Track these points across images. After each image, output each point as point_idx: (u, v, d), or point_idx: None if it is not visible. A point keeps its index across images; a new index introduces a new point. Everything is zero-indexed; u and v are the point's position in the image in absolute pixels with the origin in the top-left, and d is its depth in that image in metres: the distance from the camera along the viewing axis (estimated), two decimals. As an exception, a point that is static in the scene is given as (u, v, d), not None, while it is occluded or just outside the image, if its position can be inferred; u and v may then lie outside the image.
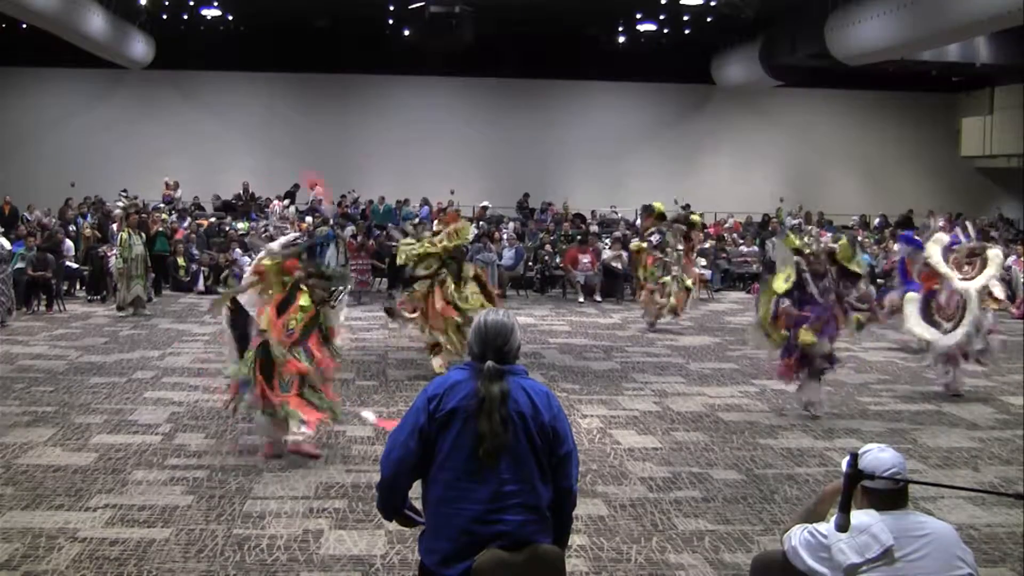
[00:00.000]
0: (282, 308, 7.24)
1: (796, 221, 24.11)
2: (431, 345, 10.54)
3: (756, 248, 20.28)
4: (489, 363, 3.45)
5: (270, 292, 7.32)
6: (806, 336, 8.69)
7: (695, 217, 15.41)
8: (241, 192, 24.84)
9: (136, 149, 26.93)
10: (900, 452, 3.37)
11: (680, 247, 14.27)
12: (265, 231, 19.81)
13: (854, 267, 8.97)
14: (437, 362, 10.27)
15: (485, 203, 24.53)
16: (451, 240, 10.62)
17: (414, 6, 21.25)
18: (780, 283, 8.96)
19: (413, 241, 10.99)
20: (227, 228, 20.56)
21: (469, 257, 17.23)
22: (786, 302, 8.87)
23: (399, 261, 11.17)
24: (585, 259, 18.00)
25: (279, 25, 25.27)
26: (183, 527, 5.81)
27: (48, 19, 19.26)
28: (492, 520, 3.35)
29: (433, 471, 3.44)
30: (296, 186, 25.01)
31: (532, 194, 26.56)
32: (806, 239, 9.40)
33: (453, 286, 10.40)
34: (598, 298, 17.64)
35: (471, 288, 10.57)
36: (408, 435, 3.43)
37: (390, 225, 20.99)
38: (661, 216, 14.70)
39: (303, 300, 7.28)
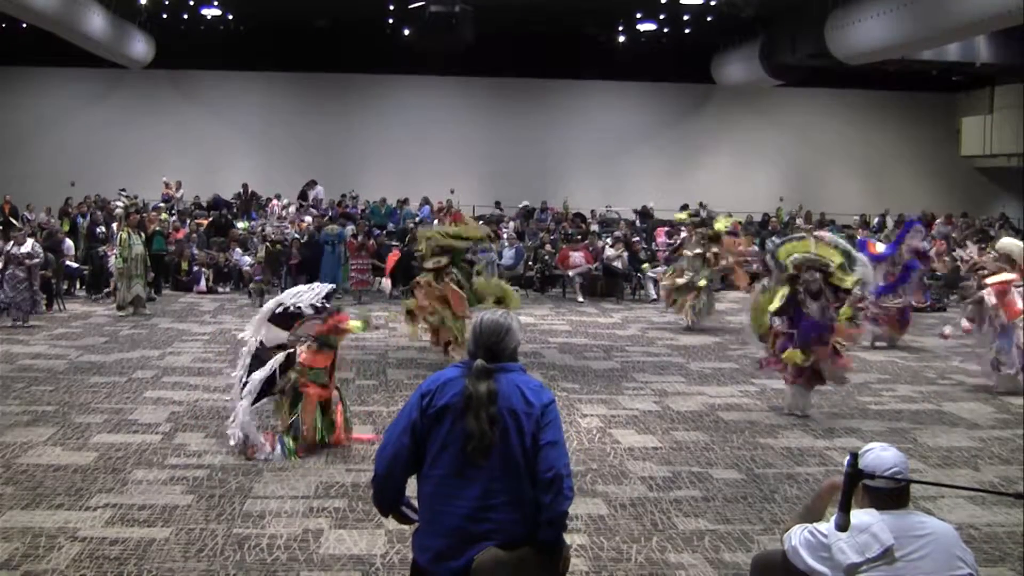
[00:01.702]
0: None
1: (790, 218, 24.15)
2: (445, 343, 10.87)
3: (756, 247, 20.25)
4: (478, 361, 3.45)
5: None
6: (793, 355, 8.70)
7: (718, 225, 15.41)
8: (241, 192, 24.84)
9: (136, 149, 26.96)
10: (900, 452, 3.37)
11: (698, 250, 14.41)
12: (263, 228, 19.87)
13: (847, 284, 8.90)
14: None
15: (525, 203, 24.64)
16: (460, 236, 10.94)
17: (414, 6, 21.24)
18: (774, 302, 8.93)
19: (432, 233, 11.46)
20: (229, 227, 20.55)
21: (472, 253, 17.38)
22: (777, 321, 8.89)
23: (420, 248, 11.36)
24: (577, 255, 17.99)
25: (279, 25, 25.28)
26: (183, 526, 5.81)
27: (48, 19, 19.27)
28: (483, 518, 3.35)
29: (425, 468, 3.45)
30: (309, 184, 25.01)
31: (532, 194, 26.56)
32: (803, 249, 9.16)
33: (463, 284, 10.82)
34: (581, 298, 17.51)
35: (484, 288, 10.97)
36: (402, 431, 3.45)
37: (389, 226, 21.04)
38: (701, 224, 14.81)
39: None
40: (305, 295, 7.64)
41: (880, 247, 13.61)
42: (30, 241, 13.70)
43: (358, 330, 7.90)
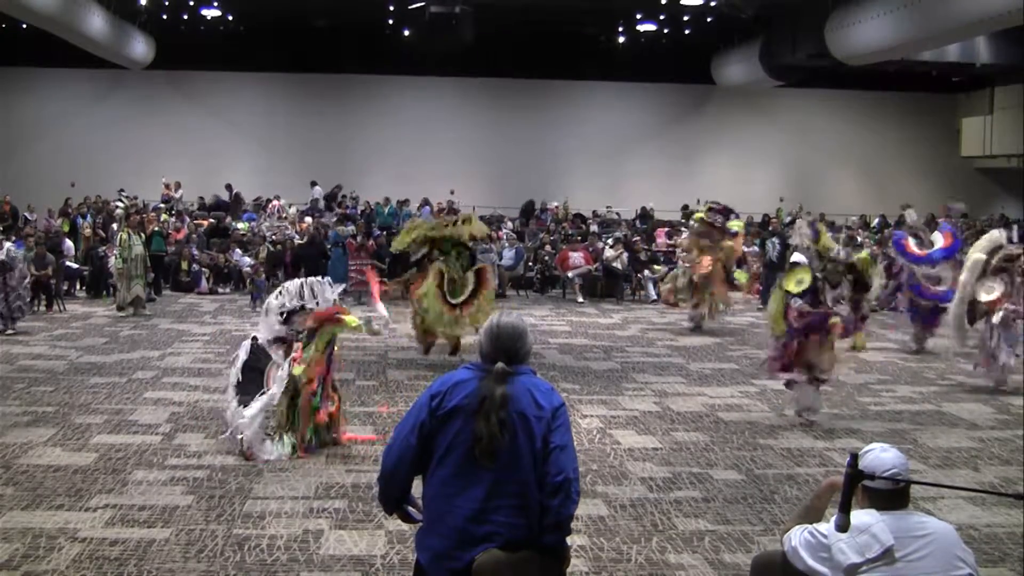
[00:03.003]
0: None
1: (789, 218, 24.15)
2: (428, 344, 11.06)
3: (756, 248, 20.26)
4: (499, 365, 3.44)
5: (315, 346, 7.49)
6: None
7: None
8: (227, 193, 24.66)
9: (136, 149, 26.97)
10: (901, 452, 3.37)
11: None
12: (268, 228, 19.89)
13: (871, 278, 8.87)
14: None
15: (555, 203, 24.64)
16: (454, 228, 10.98)
17: (414, 6, 21.25)
18: (792, 284, 8.78)
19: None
20: (228, 229, 20.56)
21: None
22: (798, 301, 8.72)
23: (394, 247, 11.44)
24: (576, 255, 17.99)
25: (279, 25, 25.29)
26: (183, 527, 5.81)
27: (48, 19, 19.27)
28: (485, 520, 3.34)
29: (431, 468, 3.45)
30: (339, 186, 24.89)
31: (532, 194, 26.59)
32: (832, 248, 9.00)
33: (449, 275, 10.83)
34: (580, 299, 17.51)
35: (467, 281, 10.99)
36: (409, 430, 3.45)
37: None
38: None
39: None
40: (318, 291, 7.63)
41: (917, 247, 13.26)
42: (7, 245, 13.34)
43: (352, 324, 7.68)
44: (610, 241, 19.22)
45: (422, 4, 21.05)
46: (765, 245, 17.51)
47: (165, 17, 24.40)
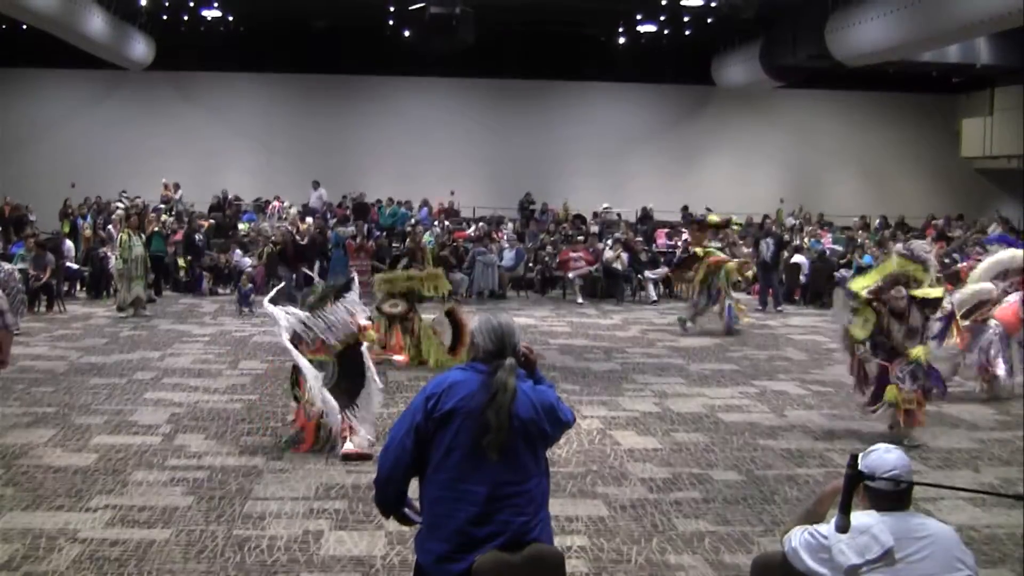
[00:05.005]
0: None
1: (796, 221, 24.16)
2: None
3: (753, 249, 20.25)
4: (510, 360, 3.45)
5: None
6: (892, 393, 7.98)
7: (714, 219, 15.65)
8: (221, 198, 24.51)
9: (136, 150, 26.93)
10: (904, 453, 3.36)
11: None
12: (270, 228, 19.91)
13: (933, 293, 8.14)
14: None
15: (606, 204, 24.62)
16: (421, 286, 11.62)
17: (414, 7, 21.24)
18: (858, 330, 8.16)
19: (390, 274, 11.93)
20: (229, 231, 20.58)
21: (471, 258, 17.41)
22: (862, 349, 8.16)
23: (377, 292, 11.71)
24: (577, 255, 17.99)
25: (279, 26, 25.28)
26: (183, 528, 5.81)
27: (48, 20, 19.26)
28: (487, 521, 3.35)
29: (429, 471, 3.44)
30: (362, 194, 24.75)
31: (532, 195, 26.60)
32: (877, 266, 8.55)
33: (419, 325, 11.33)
34: (580, 300, 17.50)
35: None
36: (404, 433, 3.44)
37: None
38: (716, 226, 14.98)
39: None
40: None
41: None
42: (6, 266, 13.29)
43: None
44: (609, 242, 19.22)
45: (422, 4, 21.03)
46: (759, 245, 17.52)
47: (165, 18, 24.36)
